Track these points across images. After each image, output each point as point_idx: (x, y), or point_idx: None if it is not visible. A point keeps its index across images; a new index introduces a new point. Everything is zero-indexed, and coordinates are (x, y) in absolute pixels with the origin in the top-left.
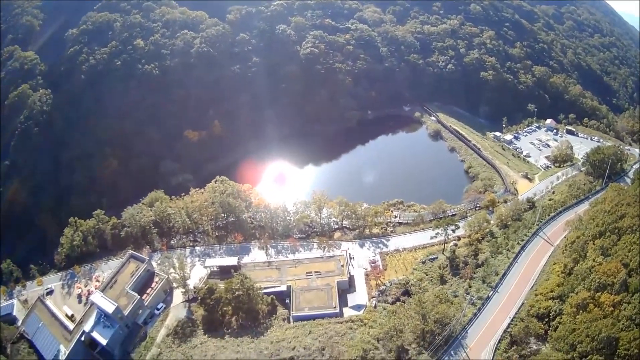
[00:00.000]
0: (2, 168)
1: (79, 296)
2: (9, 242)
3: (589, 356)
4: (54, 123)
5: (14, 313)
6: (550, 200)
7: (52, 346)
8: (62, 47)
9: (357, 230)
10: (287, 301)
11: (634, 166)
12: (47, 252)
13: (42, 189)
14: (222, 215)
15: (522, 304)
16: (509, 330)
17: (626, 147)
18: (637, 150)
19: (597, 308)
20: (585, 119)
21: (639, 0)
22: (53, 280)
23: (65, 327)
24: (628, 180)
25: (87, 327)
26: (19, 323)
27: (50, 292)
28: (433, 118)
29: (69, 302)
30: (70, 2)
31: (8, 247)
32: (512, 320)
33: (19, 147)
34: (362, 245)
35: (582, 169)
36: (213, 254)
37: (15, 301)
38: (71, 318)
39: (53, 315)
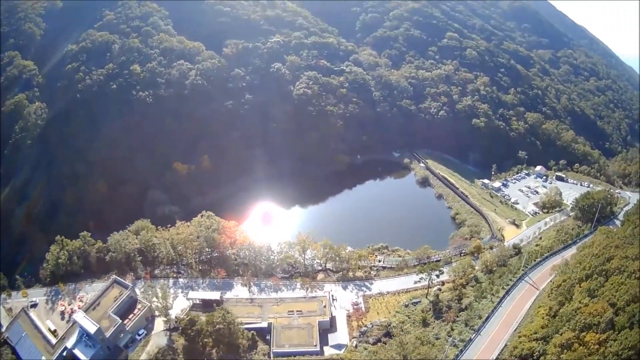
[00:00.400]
0: None
1: (62, 313)
2: None
3: None
4: (47, 138)
5: None
6: (537, 245)
7: (34, 355)
8: (60, 61)
9: (341, 273)
10: (268, 337)
11: (624, 208)
12: (33, 265)
13: (32, 202)
14: (207, 249)
15: (505, 345)
16: None
17: (617, 191)
18: (627, 193)
19: (582, 347)
20: (576, 164)
21: None
22: (38, 294)
23: (48, 341)
24: (618, 223)
25: (69, 343)
26: (3, 329)
27: (34, 305)
28: (422, 165)
29: (52, 317)
30: (72, 13)
31: None
32: None
33: (11, 158)
34: (345, 288)
35: (570, 214)
36: (196, 287)
37: (0, 307)
38: (54, 333)
39: (36, 327)
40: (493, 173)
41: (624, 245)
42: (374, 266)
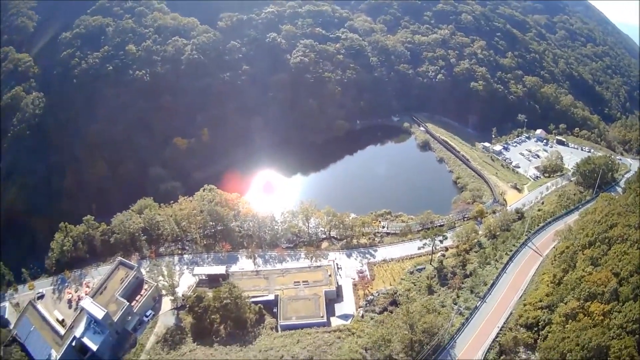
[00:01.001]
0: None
1: (69, 301)
2: (2, 244)
3: None
4: (46, 126)
5: (6, 316)
6: (539, 210)
7: (43, 350)
8: (55, 49)
9: (345, 241)
10: (275, 310)
11: (625, 175)
12: (38, 255)
13: (34, 192)
14: (211, 223)
15: (511, 313)
16: (497, 339)
17: (618, 157)
18: (628, 159)
19: (586, 317)
20: (576, 129)
21: None
22: (44, 285)
23: (56, 332)
24: (619, 190)
25: (77, 332)
26: (11, 326)
27: (41, 297)
28: (422, 128)
29: (59, 306)
30: (64, 3)
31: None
32: (500, 330)
33: (12, 150)
34: (349, 256)
35: (572, 179)
36: (201, 263)
37: (7, 304)
38: (62, 323)
39: (44, 319)
40: (493, 136)
41: (626, 213)
42: (377, 232)
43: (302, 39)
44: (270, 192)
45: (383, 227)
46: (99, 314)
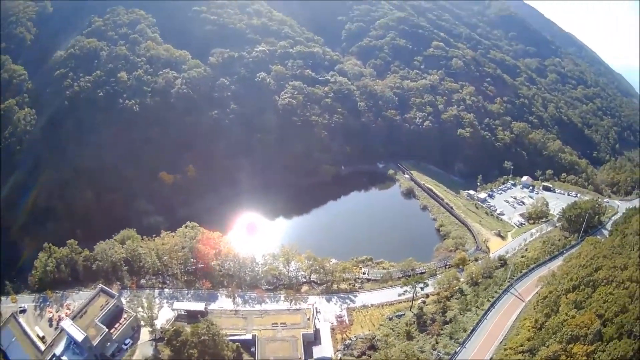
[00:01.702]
0: None
1: (50, 320)
2: None
3: None
4: (36, 145)
5: None
6: (522, 257)
7: None
8: (49, 67)
9: (325, 285)
10: (253, 350)
11: (612, 218)
12: (23, 271)
13: (21, 207)
14: (192, 260)
15: (491, 358)
16: None
17: (605, 200)
18: (616, 202)
19: (569, 359)
20: (563, 174)
21: None
22: (26, 300)
23: (37, 347)
24: (606, 233)
25: (57, 351)
26: None
27: (23, 311)
28: (407, 176)
29: (40, 324)
30: (62, 18)
31: None
32: None
33: (3, 163)
34: (329, 300)
35: (557, 224)
36: (181, 298)
37: None
38: (42, 339)
39: (25, 333)
40: (479, 184)
41: (612, 255)
42: (358, 278)
43: (291, 80)
44: (253, 234)
45: (364, 273)
46: (79, 336)
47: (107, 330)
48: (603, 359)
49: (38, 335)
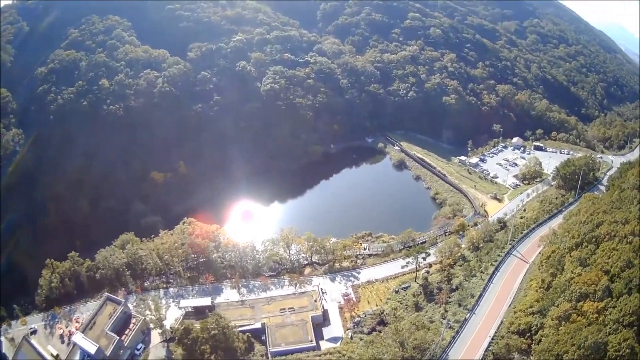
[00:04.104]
0: None
1: (62, 336)
2: None
3: None
4: (26, 163)
5: (3, 350)
6: (521, 218)
7: None
8: (32, 85)
9: (327, 265)
10: (263, 338)
11: (608, 173)
12: (28, 292)
13: (19, 230)
14: (192, 256)
15: (501, 322)
16: (490, 349)
17: (598, 155)
18: (610, 157)
19: (580, 317)
20: (554, 132)
21: None
22: (36, 320)
23: None
24: (602, 189)
25: None
26: None
27: (34, 332)
28: (396, 147)
29: (52, 342)
30: (38, 35)
31: None
32: (492, 339)
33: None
34: (333, 280)
35: (552, 183)
36: (187, 295)
37: (2, 339)
38: (56, 358)
39: (39, 354)
40: (469, 149)
41: (611, 210)
42: (359, 254)
43: (272, 66)
44: (250, 221)
45: (365, 249)
46: (91, 348)
47: (118, 338)
48: (615, 314)
49: (52, 355)
